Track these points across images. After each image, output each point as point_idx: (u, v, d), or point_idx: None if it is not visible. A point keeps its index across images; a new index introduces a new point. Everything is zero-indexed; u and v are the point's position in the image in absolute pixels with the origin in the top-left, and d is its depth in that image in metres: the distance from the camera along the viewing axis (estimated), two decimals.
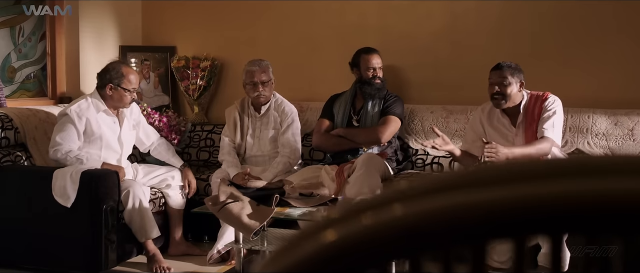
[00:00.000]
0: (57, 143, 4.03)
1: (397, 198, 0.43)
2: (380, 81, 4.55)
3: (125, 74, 4.18)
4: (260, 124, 4.56)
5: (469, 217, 0.39)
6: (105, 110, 4.19)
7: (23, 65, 4.85)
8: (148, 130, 4.56)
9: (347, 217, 0.45)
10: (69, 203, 3.83)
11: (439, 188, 0.42)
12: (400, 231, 0.41)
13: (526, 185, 0.40)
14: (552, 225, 0.42)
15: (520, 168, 0.43)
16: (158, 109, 5.21)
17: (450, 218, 0.40)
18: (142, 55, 5.49)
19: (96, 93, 4.21)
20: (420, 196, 0.43)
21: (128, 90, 4.17)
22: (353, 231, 0.44)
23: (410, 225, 0.41)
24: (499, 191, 0.39)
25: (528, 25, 4.71)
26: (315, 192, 3.59)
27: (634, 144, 4.27)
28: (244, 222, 3.27)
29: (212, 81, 5.38)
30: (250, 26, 5.39)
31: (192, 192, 4.42)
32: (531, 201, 0.40)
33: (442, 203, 0.40)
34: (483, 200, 0.39)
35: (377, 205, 0.43)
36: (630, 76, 4.49)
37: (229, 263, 4.10)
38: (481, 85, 4.72)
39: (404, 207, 0.42)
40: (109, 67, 4.24)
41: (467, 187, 0.41)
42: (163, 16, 5.61)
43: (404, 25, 4.98)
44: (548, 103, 3.85)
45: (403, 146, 4.72)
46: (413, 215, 0.41)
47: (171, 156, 4.54)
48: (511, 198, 0.39)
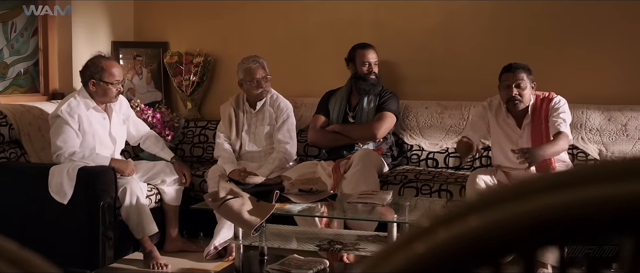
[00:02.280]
0: (59, 147, 3.99)
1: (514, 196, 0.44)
2: (375, 77, 4.57)
3: (106, 68, 4.12)
4: (256, 120, 4.56)
5: (593, 213, 0.40)
6: (94, 106, 4.15)
7: (15, 61, 4.81)
8: (138, 123, 4.53)
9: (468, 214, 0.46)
10: (65, 200, 3.80)
11: (557, 186, 0.43)
12: (520, 230, 0.42)
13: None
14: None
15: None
16: (151, 104, 5.18)
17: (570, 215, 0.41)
18: (135, 51, 5.46)
19: (83, 90, 4.17)
20: (546, 191, 0.43)
21: (111, 83, 4.12)
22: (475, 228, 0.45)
23: (533, 221, 0.42)
24: (622, 187, 0.40)
25: (522, 23, 4.75)
26: (314, 188, 3.59)
27: (627, 139, 4.32)
28: (244, 218, 3.26)
29: (206, 77, 5.37)
30: (243, 22, 5.37)
31: (188, 180, 4.40)
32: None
33: (561, 199, 0.41)
34: (608, 194, 0.39)
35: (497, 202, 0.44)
36: (623, 72, 4.54)
37: (226, 260, 4.10)
38: (475, 82, 4.77)
39: (522, 203, 0.43)
40: (89, 63, 4.18)
41: (587, 184, 0.41)
42: (155, 12, 5.58)
43: (399, 21, 4.99)
44: (554, 102, 3.86)
45: (398, 142, 4.74)
46: (539, 210, 0.42)
47: (161, 149, 4.51)
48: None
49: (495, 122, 4.01)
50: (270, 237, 3.59)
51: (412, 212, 3.49)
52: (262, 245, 3.57)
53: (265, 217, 3.28)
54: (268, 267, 3.50)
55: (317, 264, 3.48)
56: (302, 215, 3.64)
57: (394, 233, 3.21)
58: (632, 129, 4.31)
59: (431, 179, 4.19)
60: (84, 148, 4.04)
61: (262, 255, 3.66)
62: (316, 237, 3.58)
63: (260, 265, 3.61)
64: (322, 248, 3.42)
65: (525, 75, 3.83)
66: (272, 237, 3.60)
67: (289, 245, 3.47)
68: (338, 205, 3.61)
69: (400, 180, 4.22)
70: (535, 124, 3.88)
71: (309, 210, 3.47)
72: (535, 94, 3.94)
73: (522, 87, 3.82)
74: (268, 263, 3.58)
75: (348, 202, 3.55)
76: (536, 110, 3.89)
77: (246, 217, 3.26)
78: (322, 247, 3.41)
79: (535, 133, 3.88)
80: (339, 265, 3.86)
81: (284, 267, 3.45)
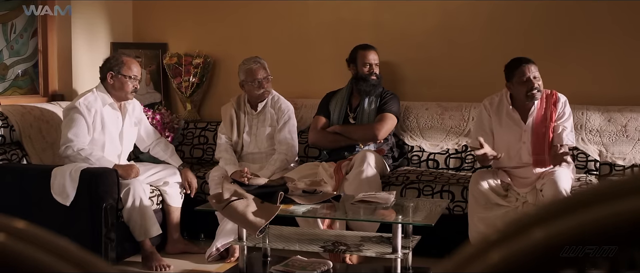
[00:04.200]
0: (69, 139, 3.99)
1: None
2: (376, 78, 4.58)
3: (125, 62, 4.22)
4: (257, 121, 4.56)
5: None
6: (110, 103, 4.19)
7: (15, 63, 4.79)
8: (149, 128, 4.54)
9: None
10: (68, 202, 3.79)
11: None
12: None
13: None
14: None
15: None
16: (150, 106, 5.18)
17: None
18: (134, 52, 5.45)
19: (101, 86, 4.22)
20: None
21: (128, 77, 4.18)
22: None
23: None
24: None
25: (520, 23, 4.77)
26: (318, 189, 3.59)
27: (627, 140, 4.34)
28: (249, 220, 3.26)
29: (205, 78, 5.36)
30: (243, 23, 5.37)
31: (193, 191, 4.40)
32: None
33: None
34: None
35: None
36: (623, 73, 4.57)
37: (228, 261, 4.09)
38: (475, 82, 4.79)
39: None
40: (110, 57, 4.35)
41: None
42: (154, 13, 5.57)
43: (398, 22, 5.01)
44: (561, 105, 3.89)
45: (399, 143, 4.75)
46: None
47: (169, 156, 4.52)
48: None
49: (497, 121, 4.02)
50: (272, 238, 3.59)
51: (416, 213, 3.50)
52: (265, 246, 3.57)
53: (270, 218, 3.28)
54: (272, 268, 3.50)
55: (321, 265, 3.49)
56: (306, 216, 3.64)
57: (399, 234, 3.22)
58: (632, 130, 4.34)
59: (433, 180, 4.21)
60: (92, 148, 4.03)
61: (265, 256, 3.66)
62: (319, 238, 3.58)
63: (264, 267, 3.62)
64: (327, 249, 3.42)
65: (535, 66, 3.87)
66: (274, 238, 3.60)
67: (292, 246, 3.47)
68: (342, 207, 3.62)
69: (402, 181, 4.23)
70: (539, 119, 3.90)
71: (313, 211, 3.47)
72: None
73: (538, 78, 3.86)
74: (271, 264, 3.58)
75: (352, 203, 3.56)
76: (540, 106, 3.91)
77: (251, 219, 3.26)
78: (328, 248, 3.41)
79: (537, 128, 3.90)
80: (341, 266, 3.86)
81: (289, 268, 3.46)
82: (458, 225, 3.94)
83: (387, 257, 3.29)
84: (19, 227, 0.60)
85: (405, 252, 3.31)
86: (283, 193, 3.44)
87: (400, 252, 3.23)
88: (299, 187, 3.58)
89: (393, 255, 3.23)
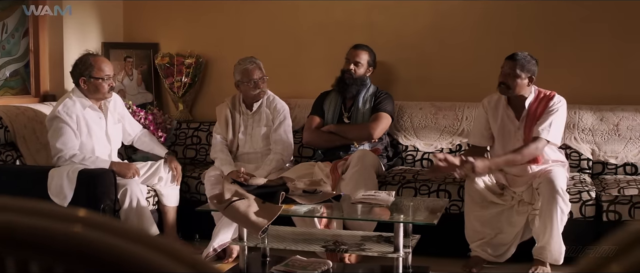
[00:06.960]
0: (59, 149, 3.96)
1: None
2: (351, 76, 4.58)
3: (94, 63, 4.12)
4: (252, 121, 4.56)
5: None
6: (90, 105, 4.14)
7: (6, 63, 4.75)
8: (132, 122, 4.53)
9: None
10: (65, 203, 3.77)
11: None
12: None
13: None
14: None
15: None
16: (142, 106, 5.15)
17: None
18: (125, 52, 5.43)
19: (77, 90, 4.15)
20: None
21: (101, 79, 4.11)
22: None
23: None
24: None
25: (513, 23, 4.81)
26: (318, 189, 3.60)
27: (619, 139, 4.40)
28: (251, 220, 3.26)
29: (197, 78, 5.34)
30: (235, 23, 5.36)
31: (178, 176, 4.38)
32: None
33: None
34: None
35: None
36: (614, 72, 4.63)
37: (226, 262, 4.08)
38: (469, 82, 4.83)
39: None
40: (77, 62, 4.19)
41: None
42: (145, 12, 5.54)
43: (391, 23, 5.03)
44: (552, 103, 3.92)
45: (393, 142, 4.77)
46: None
47: (155, 145, 4.52)
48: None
49: (493, 119, 4.07)
50: (270, 239, 3.58)
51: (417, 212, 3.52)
52: (264, 246, 3.56)
53: (272, 219, 3.28)
54: (273, 268, 3.50)
55: (321, 265, 3.49)
56: (308, 216, 3.64)
57: (401, 233, 3.24)
58: (624, 129, 4.40)
59: (429, 179, 4.23)
60: (83, 151, 4.00)
61: (264, 256, 3.66)
62: (318, 238, 3.58)
63: (263, 267, 3.61)
64: (329, 249, 3.43)
65: (519, 67, 3.88)
66: (272, 238, 3.60)
67: (292, 246, 3.47)
68: (341, 206, 3.63)
69: (399, 181, 4.25)
70: (530, 119, 3.94)
71: (315, 211, 3.48)
72: (538, 90, 3.99)
73: (512, 76, 3.88)
74: (271, 264, 3.58)
75: (352, 203, 3.57)
76: (532, 106, 3.95)
77: (253, 219, 3.26)
78: (329, 248, 3.42)
79: (528, 127, 3.94)
80: (339, 265, 3.87)
81: (289, 268, 3.46)
82: (454, 224, 3.97)
83: (389, 257, 3.30)
84: (87, 217, 0.61)
85: (406, 251, 3.33)
86: (284, 194, 3.45)
87: (402, 251, 3.25)
88: (299, 187, 3.59)
89: (395, 255, 3.25)
